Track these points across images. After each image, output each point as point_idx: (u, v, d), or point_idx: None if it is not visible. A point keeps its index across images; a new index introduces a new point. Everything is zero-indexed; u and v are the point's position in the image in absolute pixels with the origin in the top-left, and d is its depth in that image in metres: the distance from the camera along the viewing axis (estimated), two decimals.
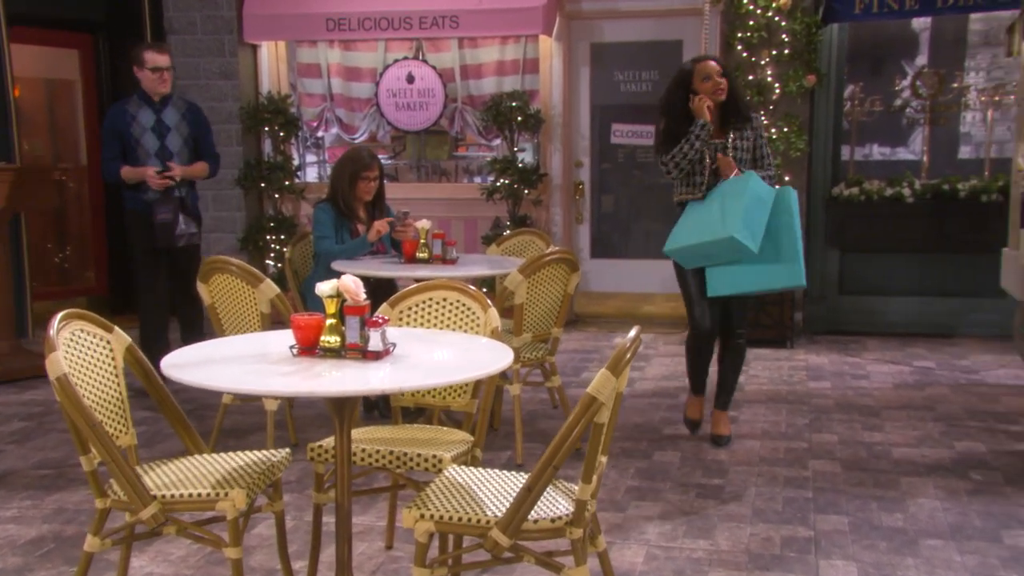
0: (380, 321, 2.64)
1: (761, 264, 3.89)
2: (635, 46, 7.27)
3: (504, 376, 4.14)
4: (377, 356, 2.60)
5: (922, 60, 8.08)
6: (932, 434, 4.49)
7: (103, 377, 2.66)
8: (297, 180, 7.55)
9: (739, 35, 6.51)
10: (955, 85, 6.98)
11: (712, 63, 4.13)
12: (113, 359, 2.71)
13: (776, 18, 6.43)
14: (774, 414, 4.83)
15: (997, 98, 6.84)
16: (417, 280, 4.52)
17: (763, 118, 6.57)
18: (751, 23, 6.46)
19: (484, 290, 6.39)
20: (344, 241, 4.81)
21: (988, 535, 3.30)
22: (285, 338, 2.75)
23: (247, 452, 2.82)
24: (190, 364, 2.49)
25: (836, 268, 6.95)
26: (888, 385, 5.43)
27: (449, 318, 3.27)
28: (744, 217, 3.83)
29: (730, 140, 4.10)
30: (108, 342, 2.72)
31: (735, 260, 3.93)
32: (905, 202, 6.51)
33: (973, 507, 3.56)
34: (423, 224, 4.72)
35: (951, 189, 6.47)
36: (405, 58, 7.27)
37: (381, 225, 4.79)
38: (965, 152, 8.18)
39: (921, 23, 7.75)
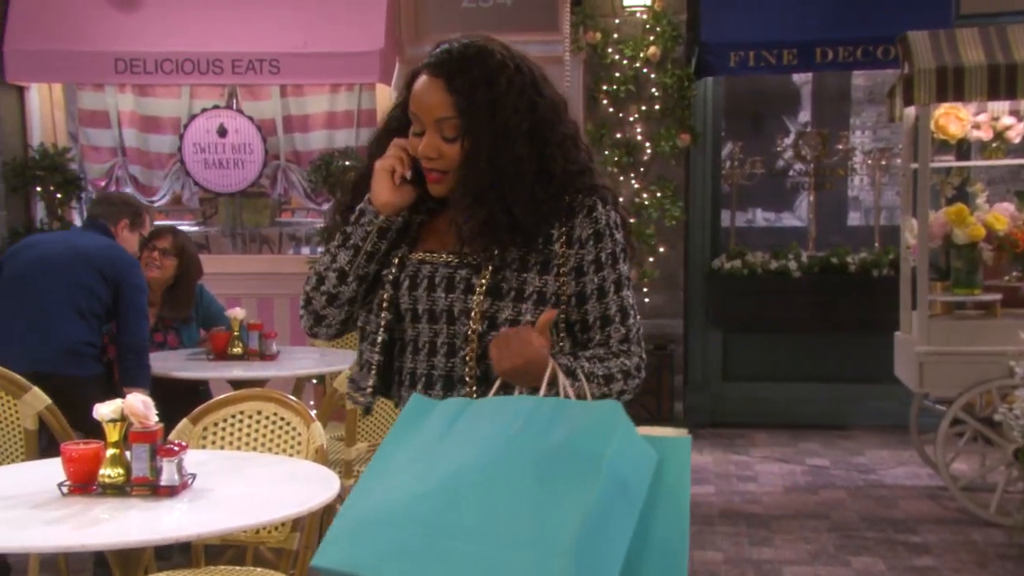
0: (176, 449, 2.56)
1: None
2: None
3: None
4: (171, 491, 2.52)
5: (805, 117, 8.63)
6: (827, 548, 4.66)
7: None
8: None
9: (604, 88, 6.77)
10: (840, 146, 7.44)
11: (430, 84, 1.92)
12: None
13: (645, 70, 6.72)
14: None
15: (884, 161, 7.33)
16: (230, 381, 4.45)
17: (632, 184, 6.80)
18: (617, 75, 6.73)
19: (314, 381, 6.35)
20: None
21: None
22: (55, 470, 2.62)
23: None
24: None
25: (719, 351, 7.19)
26: (779, 488, 5.63)
27: (265, 435, 3.21)
28: (584, 527, 1.56)
29: (485, 279, 1.92)
30: None
31: None
32: (792, 277, 6.84)
33: None
34: (236, 313, 4.63)
35: (840, 263, 6.84)
36: (216, 107, 7.19)
37: None
38: (854, 219, 8.73)
39: (803, 77, 8.29)
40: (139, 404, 2.52)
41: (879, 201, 7.45)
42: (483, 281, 1.90)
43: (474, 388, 1.91)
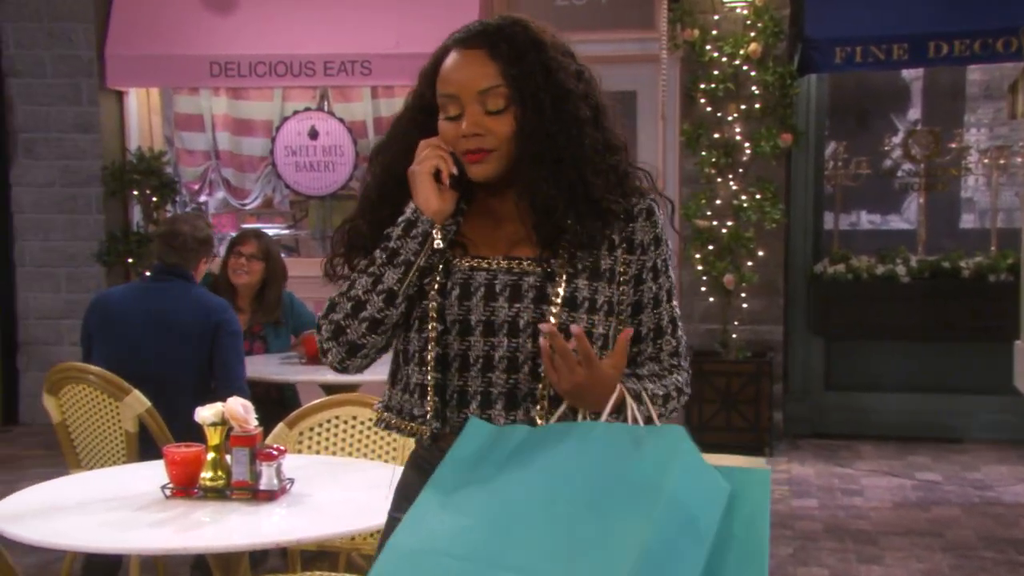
0: (275, 453, 2.61)
1: None
2: None
3: None
4: (271, 496, 2.57)
5: (915, 114, 8.43)
6: (941, 568, 4.55)
7: None
8: None
9: (702, 87, 6.70)
10: (953, 145, 7.25)
11: (468, 56, 1.85)
12: None
13: (745, 67, 6.64)
14: None
15: (1002, 160, 7.12)
16: (322, 386, 4.52)
17: (730, 185, 6.72)
18: (716, 73, 6.65)
19: None
20: None
21: None
22: (157, 472, 2.69)
23: None
24: (29, 514, 2.43)
25: (821, 359, 7.07)
26: (887, 504, 5.51)
27: (360, 440, 3.26)
28: (642, 565, 1.49)
29: (561, 287, 1.80)
30: None
31: None
32: (900, 282, 6.69)
33: None
34: None
35: (953, 267, 6.67)
36: (307, 109, 7.32)
37: None
38: (967, 221, 8.51)
39: (913, 73, 8.10)
40: (239, 408, 2.58)
41: (996, 202, 7.23)
42: (559, 290, 1.77)
43: (546, 406, 1.77)
